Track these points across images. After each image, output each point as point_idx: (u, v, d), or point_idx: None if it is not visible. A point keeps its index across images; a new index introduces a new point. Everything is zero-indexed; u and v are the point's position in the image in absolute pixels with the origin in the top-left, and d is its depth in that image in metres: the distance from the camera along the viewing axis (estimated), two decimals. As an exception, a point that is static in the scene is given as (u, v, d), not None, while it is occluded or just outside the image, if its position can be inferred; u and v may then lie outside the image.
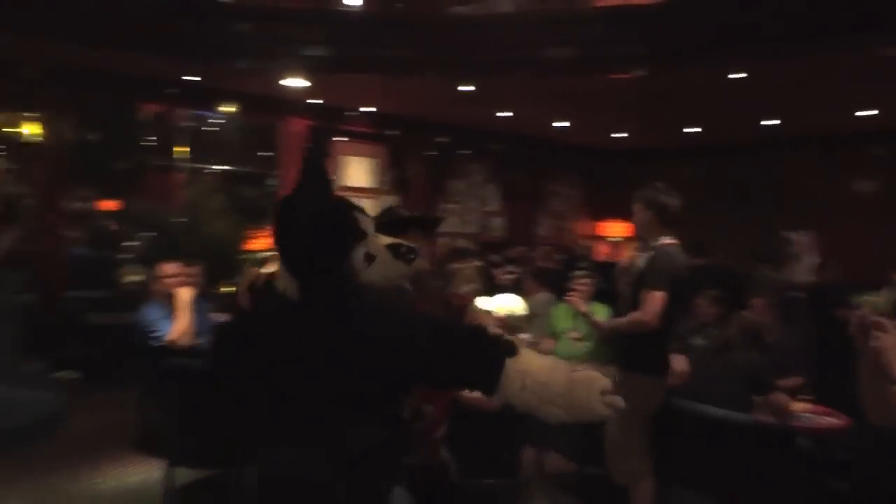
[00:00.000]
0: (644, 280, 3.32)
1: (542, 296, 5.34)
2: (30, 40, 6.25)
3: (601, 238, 11.64)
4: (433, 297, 2.48)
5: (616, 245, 11.32)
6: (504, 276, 6.53)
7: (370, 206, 7.84)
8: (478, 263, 5.97)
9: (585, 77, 7.18)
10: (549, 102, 8.23)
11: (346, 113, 8.71)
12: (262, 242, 7.83)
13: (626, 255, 7.03)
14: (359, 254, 1.72)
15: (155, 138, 7.68)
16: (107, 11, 6.14)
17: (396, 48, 7.06)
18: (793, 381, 3.98)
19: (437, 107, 8.45)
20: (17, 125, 7.07)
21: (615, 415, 1.66)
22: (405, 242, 1.82)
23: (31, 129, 7.15)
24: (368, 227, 1.79)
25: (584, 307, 3.89)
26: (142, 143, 7.54)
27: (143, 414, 4.31)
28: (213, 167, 8.12)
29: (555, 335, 4.90)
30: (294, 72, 7.10)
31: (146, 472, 4.28)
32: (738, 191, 10.22)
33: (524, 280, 5.78)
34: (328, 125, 8.67)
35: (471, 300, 2.55)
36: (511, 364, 1.65)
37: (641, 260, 3.45)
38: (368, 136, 8.97)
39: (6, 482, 4.21)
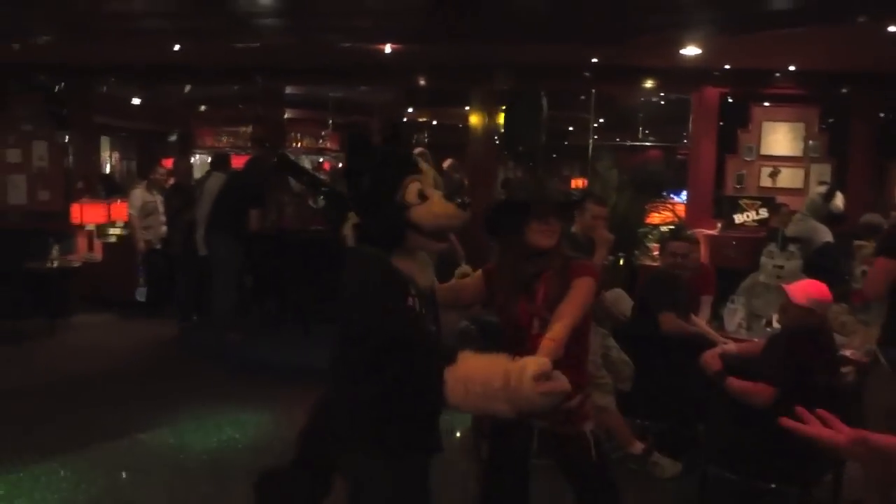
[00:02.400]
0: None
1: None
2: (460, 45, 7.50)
3: None
4: (558, 263, 2.41)
5: None
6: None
7: (793, 175, 7.09)
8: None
9: None
10: None
11: (773, 74, 7.93)
12: (662, 216, 7.83)
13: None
14: (413, 188, 1.89)
15: (571, 118, 8.33)
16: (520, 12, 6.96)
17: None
18: None
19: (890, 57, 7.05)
20: (456, 118, 8.54)
21: (553, 403, 1.55)
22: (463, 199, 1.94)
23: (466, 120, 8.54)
24: (426, 169, 1.97)
25: None
26: (556, 123, 8.25)
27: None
28: (624, 142, 8.39)
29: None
30: (701, 39, 6.85)
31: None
32: None
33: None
34: (746, 90, 8.05)
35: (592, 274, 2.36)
36: (450, 373, 1.67)
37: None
38: (796, 98, 8.01)
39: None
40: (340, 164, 9.49)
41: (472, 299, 2.54)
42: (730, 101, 8.11)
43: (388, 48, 7.29)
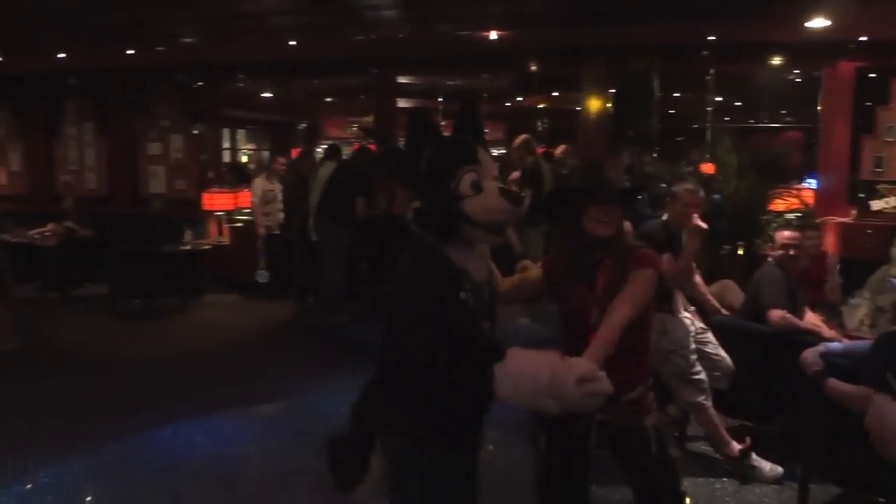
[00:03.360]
0: None
1: None
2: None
3: None
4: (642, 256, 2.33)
5: None
6: None
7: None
8: None
9: None
10: None
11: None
12: (787, 203, 7.31)
13: None
14: (467, 179, 1.86)
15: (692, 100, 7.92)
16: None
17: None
18: None
19: None
20: (572, 103, 8.35)
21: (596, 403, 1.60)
22: (513, 189, 1.90)
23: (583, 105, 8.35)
24: (486, 160, 1.93)
25: None
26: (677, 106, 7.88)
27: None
28: (747, 124, 7.90)
29: None
30: (832, 10, 6.32)
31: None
32: None
33: None
34: (886, 63, 7.32)
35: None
36: (500, 369, 1.69)
37: None
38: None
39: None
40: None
41: (534, 292, 2.51)
42: (869, 76, 7.41)
43: (494, 34, 7.24)
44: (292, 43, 7.64)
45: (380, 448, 2.02)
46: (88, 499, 3.73)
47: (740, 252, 7.00)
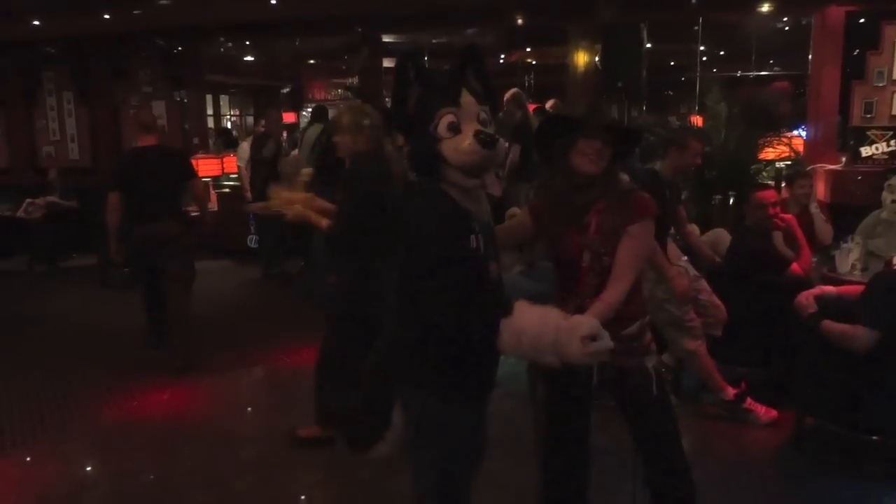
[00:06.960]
0: None
1: None
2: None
3: None
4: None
5: None
6: None
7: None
8: None
9: None
10: None
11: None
12: (777, 151, 7.28)
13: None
14: (445, 121, 1.84)
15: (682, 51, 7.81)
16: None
17: None
18: None
19: None
20: (560, 57, 8.22)
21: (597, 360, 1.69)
22: (488, 131, 1.84)
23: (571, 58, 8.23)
24: (468, 103, 1.88)
25: None
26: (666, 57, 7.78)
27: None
28: (738, 74, 7.83)
29: None
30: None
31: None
32: None
33: None
34: (877, 8, 7.23)
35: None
36: (506, 324, 1.70)
37: None
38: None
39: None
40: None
41: (524, 237, 2.47)
42: (859, 21, 7.32)
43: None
44: (273, 2, 7.45)
45: (400, 403, 2.01)
46: (88, 467, 3.73)
47: (731, 201, 7.00)
